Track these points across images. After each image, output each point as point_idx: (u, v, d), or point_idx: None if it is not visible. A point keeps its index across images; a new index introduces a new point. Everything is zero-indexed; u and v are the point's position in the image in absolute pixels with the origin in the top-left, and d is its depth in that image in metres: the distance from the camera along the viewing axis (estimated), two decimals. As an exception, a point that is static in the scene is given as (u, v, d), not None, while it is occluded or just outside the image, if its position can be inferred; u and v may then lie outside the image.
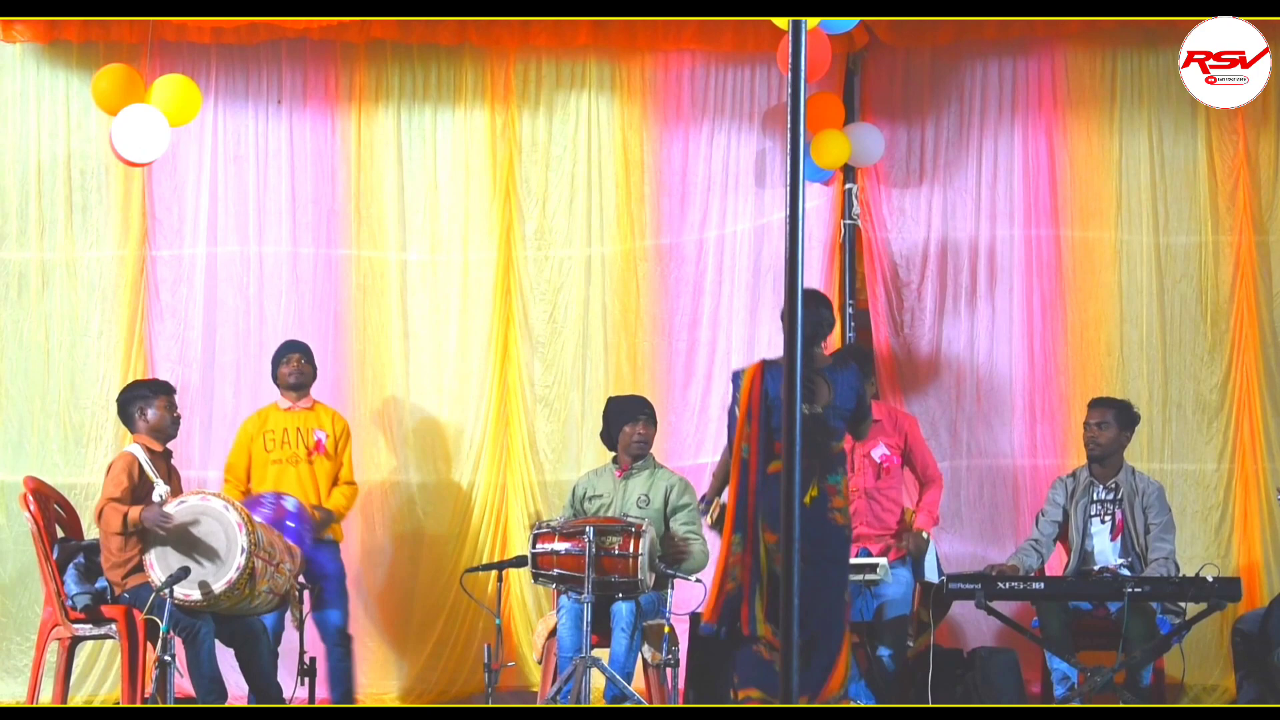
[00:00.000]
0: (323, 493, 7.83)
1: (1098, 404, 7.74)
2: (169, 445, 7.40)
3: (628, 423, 7.62)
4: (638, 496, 7.52)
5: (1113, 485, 7.62)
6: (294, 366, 7.90)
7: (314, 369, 8.00)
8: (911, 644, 7.47)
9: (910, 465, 7.76)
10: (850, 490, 7.57)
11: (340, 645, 7.74)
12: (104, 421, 8.38)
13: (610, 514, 7.44)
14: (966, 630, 8.24)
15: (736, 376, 6.48)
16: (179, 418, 7.43)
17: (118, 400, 7.49)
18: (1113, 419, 7.62)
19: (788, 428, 3.92)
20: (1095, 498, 7.63)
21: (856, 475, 7.60)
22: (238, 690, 7.36)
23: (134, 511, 6.94)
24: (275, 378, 7.96)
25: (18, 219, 8.49)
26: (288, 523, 7.38)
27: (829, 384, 6.41)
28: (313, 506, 7.69)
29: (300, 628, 7.19)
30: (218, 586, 6.79)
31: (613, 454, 7.71)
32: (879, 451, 7.66)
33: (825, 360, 6.55)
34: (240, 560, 6.80)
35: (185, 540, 6.85)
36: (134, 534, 6.98)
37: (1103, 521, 7.61)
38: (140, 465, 7.18)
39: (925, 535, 7.56)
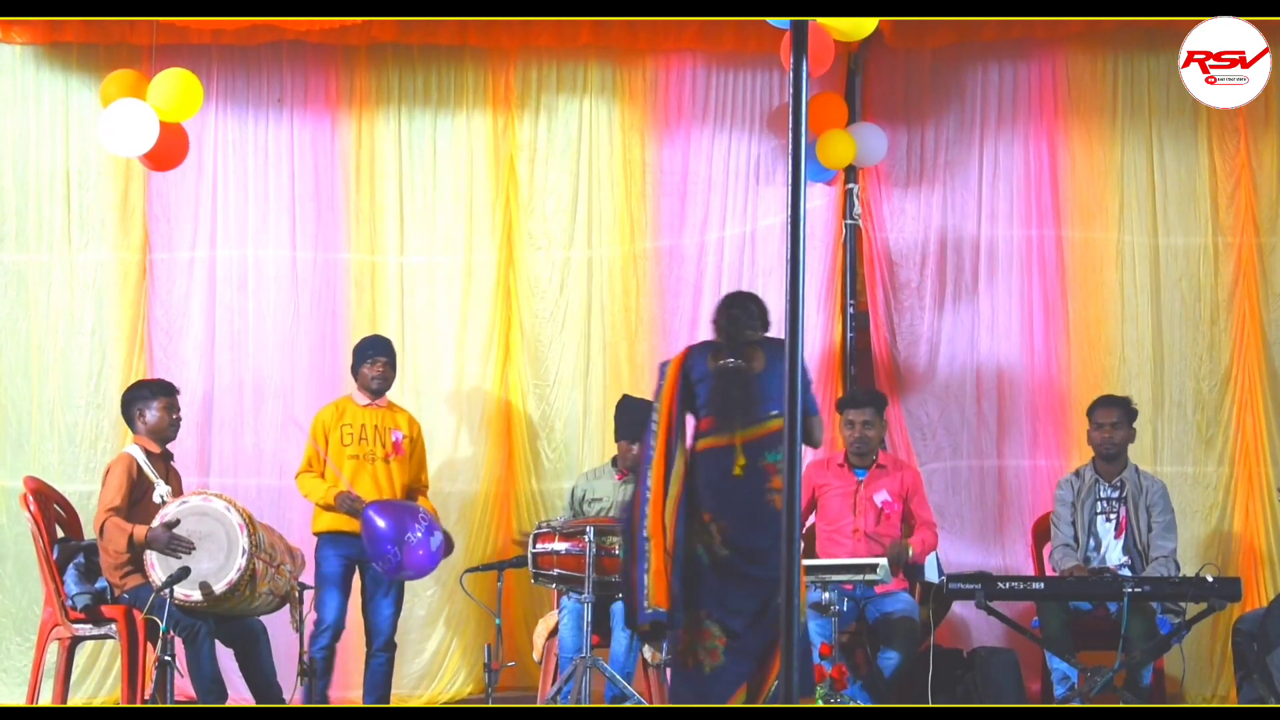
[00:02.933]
0: (398, 494, 7.71)
1: (1107, 403, 7.73)
2: (169, 447, 7.41)
3: (626, 439, 7.63)
4: (637, 502, 7.51)
5: (1118, 483, 7.62)
6: (379, 371, 7.76)
7: (395, 372, 7.90)
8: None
9: (909, 516, 7.76)
10: (853, 530, 7.61)
11: (386, 650, 7.66)
12: (100, 422, 8.37)
13: (610, 516, 7.44)
14: (966, 630, 8.23)
15: (662, 367, 6.36)
16: (179, 420, 7.42)
17: (121, 400, 7.50)
18: (1122, 418, 7.64)
19: (789, 430, 3.91)
20: (1100, 495, 7.64)
21: (858, 517, 7.61)
22: (237, 691, 7.36)
23: (139, 532, 6.92)
24: (355, 374, 7.84)
25: (16, 220, 8.49)
26: (418, 550, 7.28)
27: (762, 352, 6.25)
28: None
29: (300, 629, 7.19)
30: (219, 587, 6.80)
31: (612, 456, 7.73)
32: (881, 496, 7.67)
33: (759, 336, 6.35)
34: (241, 561, 6.81)
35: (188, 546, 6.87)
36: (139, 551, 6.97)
37: (1108, 520, 7.61)
38: (139, 466, 7.18)
39: (909, 550, 7.56)
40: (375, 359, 7.79)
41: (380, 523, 7.24)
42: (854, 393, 8.14)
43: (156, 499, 7.14)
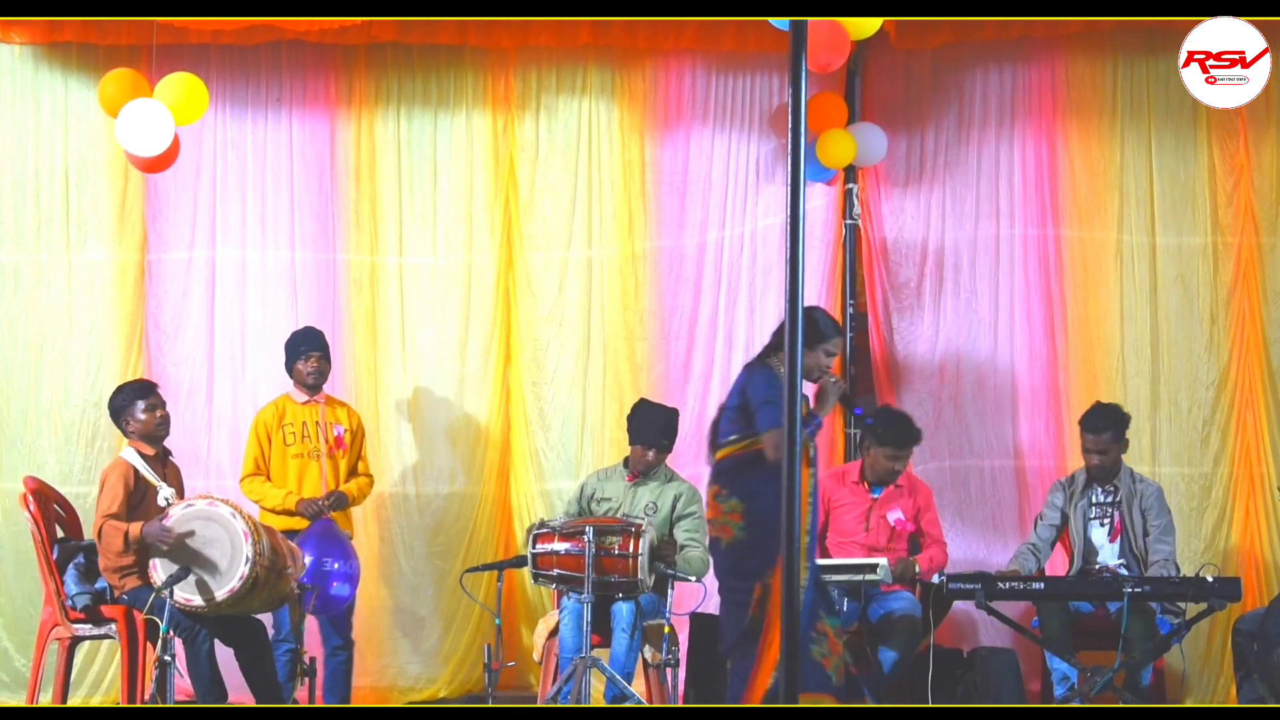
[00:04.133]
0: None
1: (1095, 426, 7.59)
2: (165, 444, 7.39)
3: (640, 444, 7.61)
4: (646, 504, 7.51)
5: (1112, 488, 7.61)
6: (314, 366, 7.80)
7: (329, 365, 7.94)
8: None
9: (918, 531, 7.75)
10: (862, 546, 7.62)
11: (344, 650, 7.70)
12: (97, 421, 8.35)
13: (617, 517, 7.42)
14: (966, 630, 8.23)
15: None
16: (166, 416, 7.34)
17: (108, 410, 7.46)
18: (1112, 439, 7.56)
19: (789, 427, 3.91)
20: (1094, 500, 7.63)
21: (870, 534, 7.61)
22: (237, 692, 7.36)
23: (134, 529, 6.91)
24: (290, 371, 7.88)
25: (14, 220, 8.48)
26: (334, 582, 7.33)
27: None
28: (326, 494, 7.66)
29: (300, 630, 7.19)
30: (220, 594, 6.78)
31: (625, 457, 7.73)
32: (894, 515, 7.68)
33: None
34: (244, 569, 6.78)
35: (188, 549, 6.84)
36: (136, 549, 6.96)
37: (1101, 524, 7.61)
38: (136, 471, 7.15)
39: (916, 567, 7.57)
40: (309, 354, 7.81)
41: (313, 545, 7.34)
42: (895, 434, 7.81)
43: (161, 501, 7.11)
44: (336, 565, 7.34)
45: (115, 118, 7.78)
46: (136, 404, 7.28)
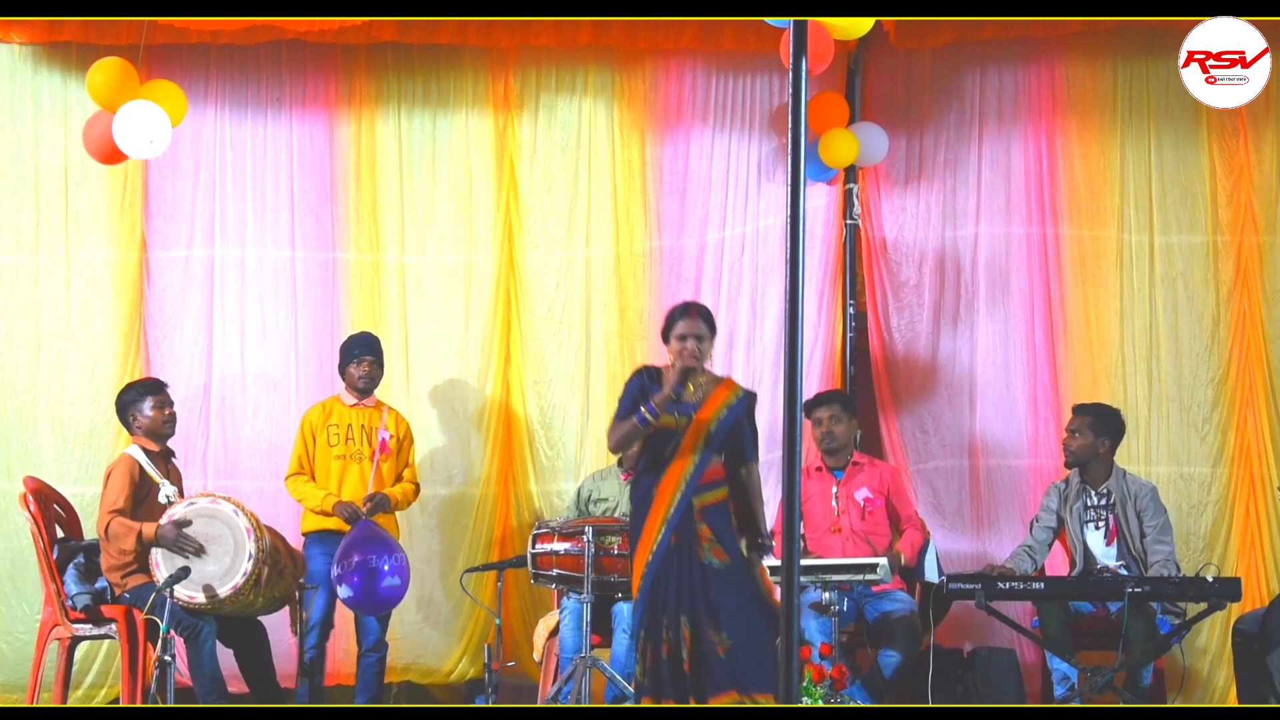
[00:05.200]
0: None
1: (1076, 411, 7.75)
2: (169, 445, 7.40)
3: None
4: (642, 503, 7.51)
5: (1104, 491, 7.62)
6: (366, 370, 7.79)
7: (383, 370, 7.93)
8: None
9: (893, 513, 7.75)
10: (834, 529, 7.63)
11: (377, 651, 7.69)
12: (95, 419, 8.35)
13: (615, 516, 7.43)
14: (967, 630, 8.23)
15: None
16: (173, 415, 7.40)
17: (115, 406, 7.48)
18: (1087, 427, 7.61)
19: (788, 428, 3.92)
20: (1088, 504, 7.63)
21: (842, 515, 7.61)
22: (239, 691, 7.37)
23: (148, 529, 6.92)
24: (343, 373, 7.88)
25: (13, 219, 8.48)
26: (384, 582, 7.32)
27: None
28: (368, 496, 7.63)
29: (299, 631, 7.19)
30: (223, 591, 6.79)
31: (619, 457, 7.73)
32: (862, 494, 7.69)
33: None
34: (248, 566, 6.80)
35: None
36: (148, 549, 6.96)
37: (1096, 527, 7.61)
38: (140, 468, 7.17)
39: (900, 558, 7.57)
40: (362, 358, 7.81)
41: (357, 547, 7.32)
42: (818, 393, 8.11)
43: (162, 499, 7.12)
44: (387, 566, 7.31)
45: (105, 108, 7.71)
46: (146, 400, 7.32)
